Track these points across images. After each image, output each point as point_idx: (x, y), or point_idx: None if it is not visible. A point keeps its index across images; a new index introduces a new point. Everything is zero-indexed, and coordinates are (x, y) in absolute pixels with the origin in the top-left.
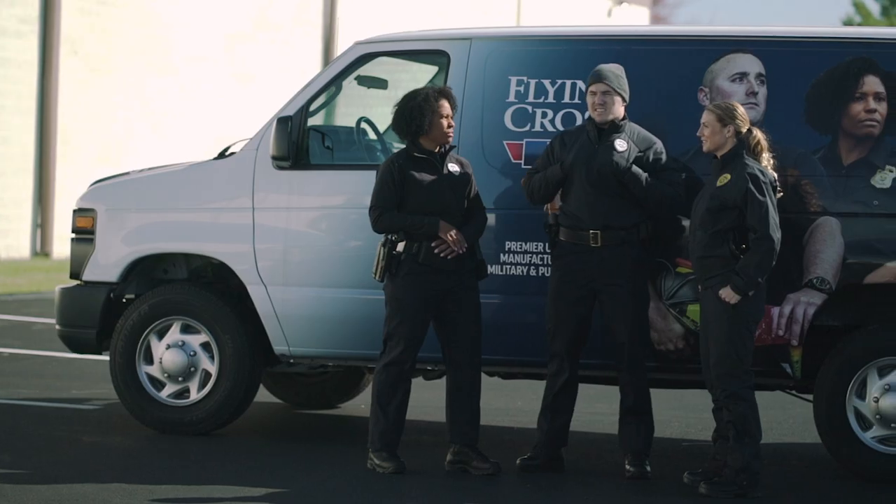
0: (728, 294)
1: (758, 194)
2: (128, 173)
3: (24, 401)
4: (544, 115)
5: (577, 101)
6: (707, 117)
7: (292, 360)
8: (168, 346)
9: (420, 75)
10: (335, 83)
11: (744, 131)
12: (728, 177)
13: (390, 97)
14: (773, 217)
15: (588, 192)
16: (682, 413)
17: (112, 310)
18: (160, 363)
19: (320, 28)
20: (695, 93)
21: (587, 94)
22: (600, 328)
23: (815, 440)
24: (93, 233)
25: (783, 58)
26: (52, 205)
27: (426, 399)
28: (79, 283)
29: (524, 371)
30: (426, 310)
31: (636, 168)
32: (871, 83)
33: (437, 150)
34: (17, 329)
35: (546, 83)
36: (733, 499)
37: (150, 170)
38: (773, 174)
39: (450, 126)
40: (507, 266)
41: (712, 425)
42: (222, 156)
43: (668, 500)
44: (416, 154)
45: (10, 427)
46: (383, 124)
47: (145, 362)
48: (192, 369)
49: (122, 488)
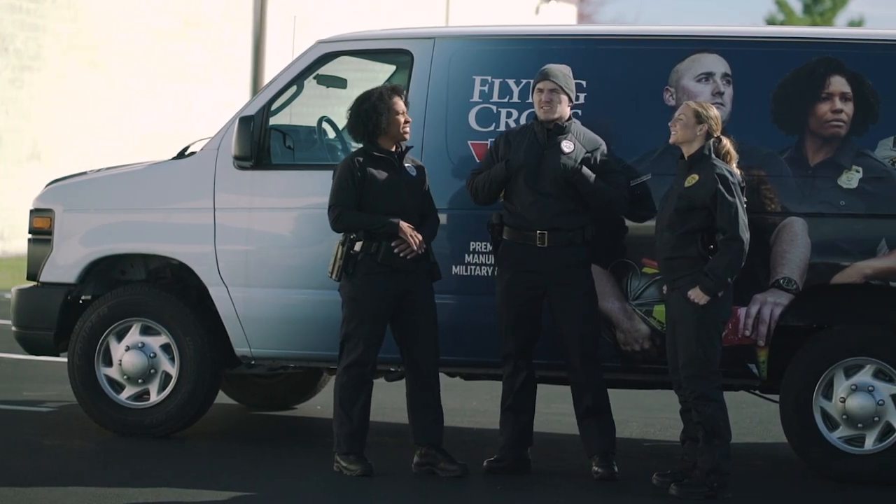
0: (697, 295)
1: (727, 195)
2: (85, 173)
3: None
4: (509, 115)
5: None
6: (684, 111)
7: (253, 362)
8: (127, 348)
9: (382, 75)
10: (297, 82)
11: (715, 135)
12: (696, 177)
13: (351, 96)
14: (743, 218)
15: (536, 193)
16: (640, 413)
17: (70, 311)
18: (119, 365)
19: (250, 24)
20: (660, 92)
21: (534, 91)
22: (549, 328)
23: (774, 440)
24: (50, 233)
25: (749, 58)
26: None
27: (380, 400)
28: (36, 284)
29: (487, 372)
30: (385, 310)
31: (585, 169)
32: (838, 83)
33: (394, 150)
34: None
35: (511, 83)
36: (704, 500)
37: (107, 170)
38: (740, 175)
39: (406, 122)
40: (472, 267)
41: (670, 425)
42: (181, 156)
43: (639, 501)
44: (376, 154)
45: None
46: (344, 124)
47: (104, 364)
48: (152, 371)
49: (87, 492)
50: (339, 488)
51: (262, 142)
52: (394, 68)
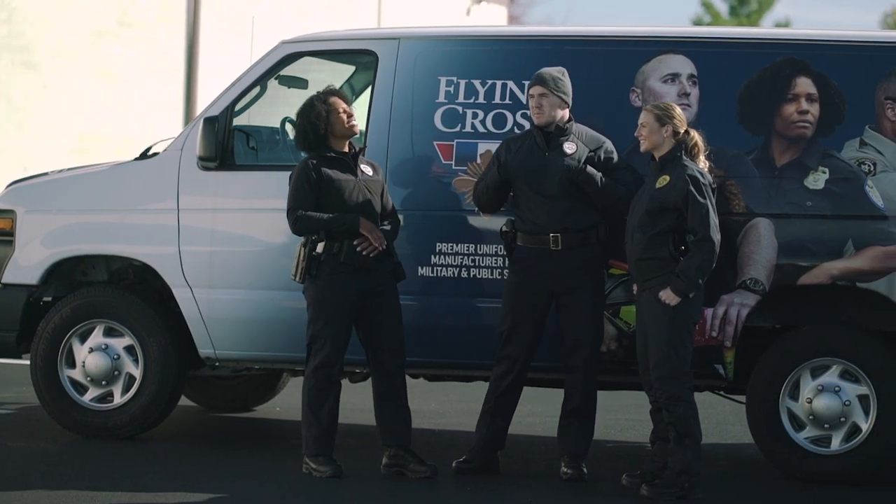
0: (668, 296)
1: (699, 196)
2: (47, 174)
3: None
4: (475, 116)
5: (507, 101)
6: (645, 117)
7: (218, 363)
8: (91, 350)
9: (344, 75)
10: (260, 83)
11: (681, 132)
12: (667, 178)
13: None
14: (714, 219)
15: (542, 197)
16: (599, 414)
17: (32, 313)
18: (83, 367)
19: (184, 25)
20: (627, 93)
21: (528, 97)
22: (551, 330)
23: (735, 440)
24: (12, 234)
25: (715, 59)
26: None
27: (342, 401)
28: None
29: (451, 373)
30: (349, 310)
31: (590, 169)
32: (804, 84)
33: (348, 151)
34: None
35: (476, 83)
36: (675, 500)
37: (70, 170)
38: (710, 177)
39: (349, 117)
40: (438, 268)
41: (630, 426)
42: (144, 156)
43: (610, 502)
44: (330, 155)
45: None
46: None
47: (67, 366)
48: (116, 373)
49: (52, 495)
50: (310, 490)
51: (226, 142)
52: (363, 69)
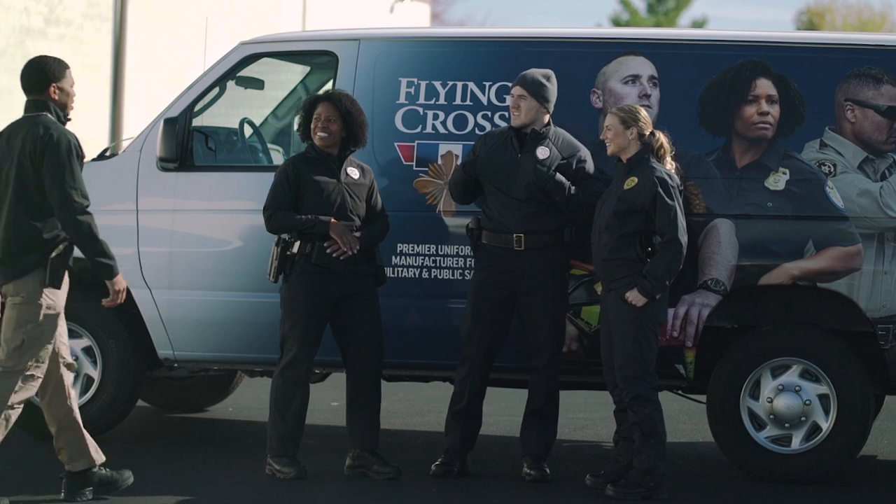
0: (635, 297)
1: (667, 198)
2: None
3: None
4: (436, 117)
5: (468, 102)
6: (610, 120)
7: (177, 364)
8: None
9: (299, 76)
10: (219, 84)
11: (647, 134)
12: (635, 180)
13: (274, 98)
14: (682, 221)
15: (509, 197)
16: None
17: None
18: None
19: (111, 23)
20: (587, 95)
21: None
22: (514, 331)
23: (687, 439)
24: None
25: (675, 60)
26: None
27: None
28: None
29: (412, 374)
30: (320, 312)
31: (559, 176)
32: (764, 86)
33: (334, 153)
34: None
35: (437, 85)
36: (640, 500)
37: None
38: (678, 179)
39: (324, 129)
40: (399, 268)
41: (583, 425)
42: (102, 157)
43: (577, 502)
44: (313, 156)
45: None
46: (264, 125)
47: None
48: (74, 375)
49: (14, 500)
50: (274, 491)
51: (185, 143)
52: (322, 70)
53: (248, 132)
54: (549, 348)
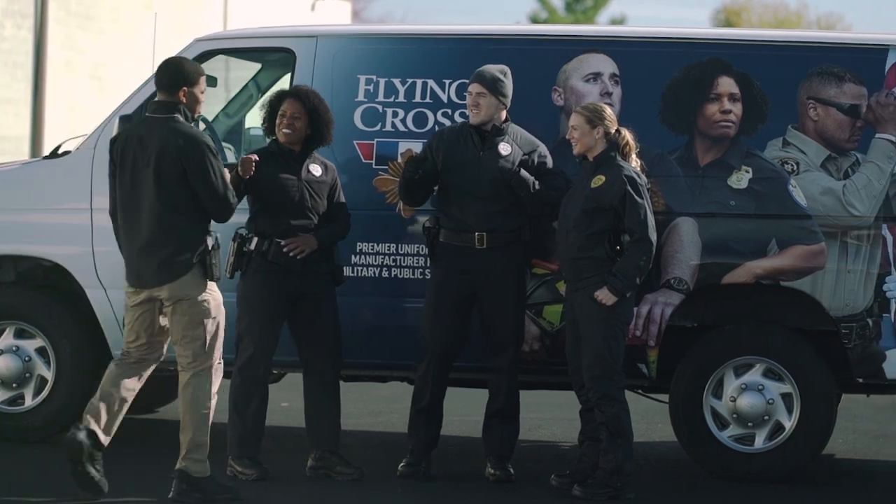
0: (605, 296)
1: (636, 197)
2: None
3: None
4: (395, 115)
5: (428, 100)
6: (575, 120)
7: None
8: (1, 352)
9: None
10: None
11: (612, 132)
12: (602, 178)
13: (226, 95)
14: (651, 220)
15: (472, 195)
16: None
17: None
18: None
19: (31, 19)
20: (549, 92)
21: (467, 94)
22: (474, 330)
23: (643, 438)
24: None
25: (637, 58)
26: None
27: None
28: None
29: (370, 374)
30: (278, 310)
31: (524, 172)
32: (726, 84)
33: (297, 150)
34: None
35: (396, 82)
36: (607, 500)
37: None
38: (645, 177)
39: (288, 126)
40: (359, 268)
41: (538, 425)
42: (54, 155)
43: (547, 503)
44: (275, 150)
45: None
46: (217, 122)
47: None
48: (27, 375)
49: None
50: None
51: None
52: (278, 67)
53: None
54: (513, 347)
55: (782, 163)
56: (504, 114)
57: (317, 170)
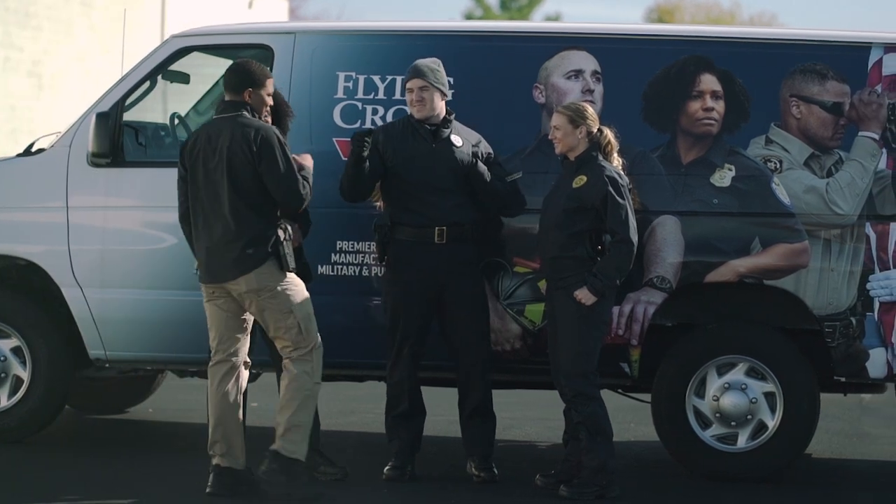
0: (585, 295)
1: (618, 197)
2: None
3: None
4: (375, 112)
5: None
6: (557, 119)
7: (108, 364)
8: None
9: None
10: (150, 78)
11: (595, 131)
12: (584, 178)
13: (202, 92)
14: (633, 220)
15: (430, 189)
16: None
17: None
18: None
19: None
20: (530, 90)
21: (405, 91)
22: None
23: (619, 438)
24: None
25: (618, 55)
26: None
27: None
28: None
29: (347, 374)
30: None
31: (480, 164)
32: (708, 81)
33: None
34: None
35: (376, 79)
36: (594, 499)
37: None
38: (626, 178)
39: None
40: (339, 266)
41: (511, 425)
42: (28, 153)
43: (534, 503)
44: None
45: None
46: (197, 120)
47: None
48: (3, 375)
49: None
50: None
51: (116, 139)
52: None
53: (179, 127)
54: (483, 342)
55: (765, 161)
56: (443, 106)
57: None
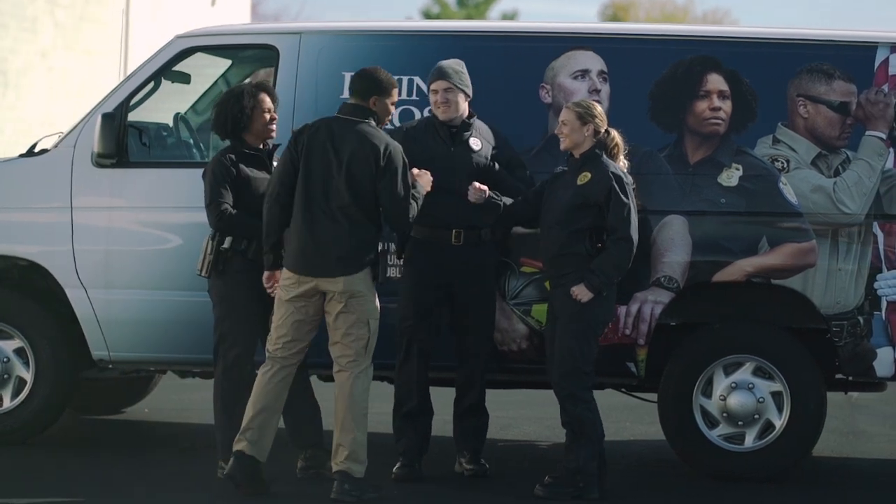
0: (581, 291)
1: (622, 195)
2: None
3: None
4: None
5: (414, 97)
6: (566, 115)
7: (111, 365)
8: None
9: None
10: (155, 78)
11: (602, 131)
12: (588, 175)
13: (195, 91)
14: (634, 219)
15: (449, 192)
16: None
17: None
18: None
19: None
20: (536, 90)
21: (429, 92)
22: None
23: (614, 437)
24: None
25: (625, 55)
26: None
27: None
28: None
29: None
30: (258, 308)
31: (497, 166)
32: (715, 81)
33: (263, 148)
34: None
35: None
36: (570, 500)
37: None
38: (630, 178)
39: (272, 120)
40: None
41: (507, 424)
42: (31, 153)
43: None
44: (246, 151)
45: None
46: (195, 120)
47: None
48: (6, 376)
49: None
50: (233, 496)
51: (120, 139)
52: (259, 64)
53: (182, 128)
54: (488, 343)
55: (772, 160)
56: (467, 107)
57: None
